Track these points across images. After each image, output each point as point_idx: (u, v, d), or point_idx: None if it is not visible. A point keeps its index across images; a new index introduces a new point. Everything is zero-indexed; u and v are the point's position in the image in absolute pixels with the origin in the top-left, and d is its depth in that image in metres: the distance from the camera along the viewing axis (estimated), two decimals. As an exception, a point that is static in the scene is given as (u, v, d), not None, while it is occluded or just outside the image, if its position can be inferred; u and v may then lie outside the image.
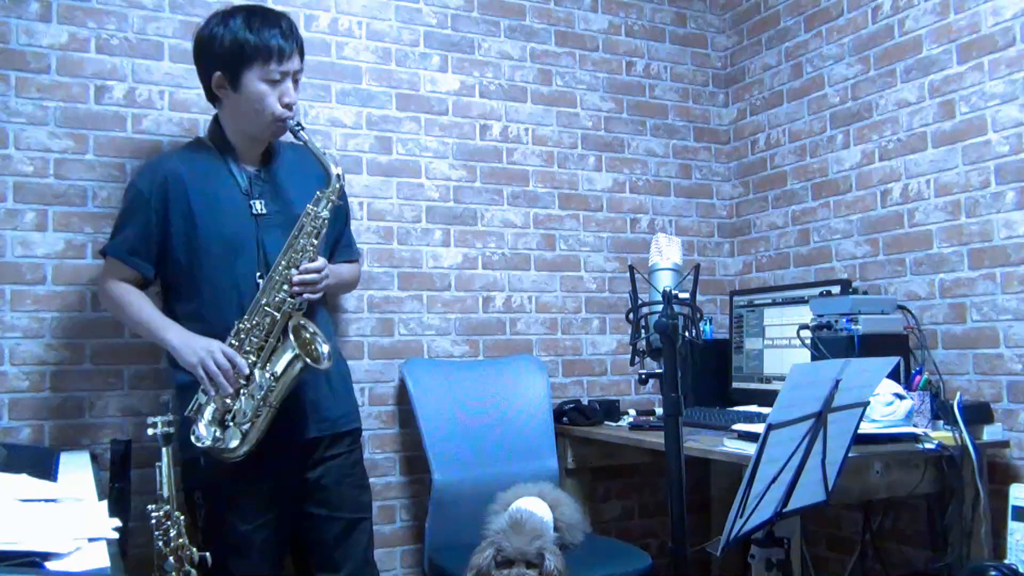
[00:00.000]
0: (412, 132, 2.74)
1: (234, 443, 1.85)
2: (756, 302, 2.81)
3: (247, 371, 1.87)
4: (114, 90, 2.36)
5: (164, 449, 1.68)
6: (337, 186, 1.97)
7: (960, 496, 2.12)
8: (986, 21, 2.34)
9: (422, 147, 2.75)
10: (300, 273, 1.93)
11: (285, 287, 1.92)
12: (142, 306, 1.99)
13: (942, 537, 2.26)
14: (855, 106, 2.74)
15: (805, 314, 2.46)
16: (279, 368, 1.88)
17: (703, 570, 2.93)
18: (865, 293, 2.52)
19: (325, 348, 1.95)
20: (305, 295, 1.94)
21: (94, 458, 2.04)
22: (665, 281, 1.66)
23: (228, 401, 1.87)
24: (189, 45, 2.43)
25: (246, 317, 1.91)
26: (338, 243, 2.23)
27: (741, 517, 1.50)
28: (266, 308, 1.91)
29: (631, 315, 1.66)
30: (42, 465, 1.71)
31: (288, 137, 2.03)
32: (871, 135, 2.69)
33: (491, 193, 2.85)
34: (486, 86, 2.86)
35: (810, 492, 1.69)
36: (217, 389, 1.86)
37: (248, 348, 1.90)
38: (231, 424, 1.86)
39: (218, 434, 1.86)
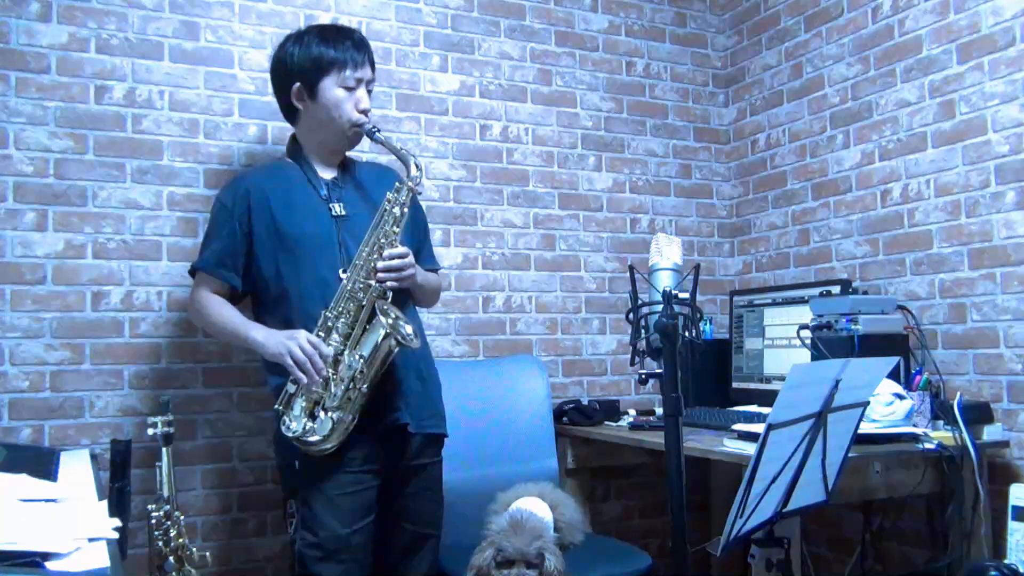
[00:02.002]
0: (412, 132, 2.74)
1: (325, 431, 1.85)
2: (756, 302, 2.81)
3: (332, 355, 1.87)
4: (114, 90, 2.37)
5: (164, 449, 1.68)
6: (417, 175, 2.01)
7: (960, 496, 2.12)
8: (986, 21, 2.34)
9: (422, 147, 2.75)
10: (384, 260, 1.94)
11: (369, 273, 1.93)
12: (230, 314, 2.01)
13: (942, 537, 2.26)
14: (855, 106, 2.74)
15: (805, 314, 2.46)
16: (368, 350, 1.88)
17: (703, 570, 2.93)
18: (865, 293, 2.52)
19: (409, 328, 1.94)
20: (389, 282, 1.94)
21: (94, 458, 2.04)
22: (665, 281, 1.65)
23: (318, 391, 1.86)
24: (189, 45, 2.45)
25: (332, 306, 1.92)
26: (419, 253, 2.20)
27: (741, 517, 1.50)
28: (351, 295, 1.92)
29: (631, 315, 1.66)
30: (42, 465, 1.71)
31: (362, 155, 2.04)
32: (871, 135, 2.69)
33: (491, 193, 2.85)
34: (486, 86, 2.86)
35: (810, 492, 1.69)
36: (306, 376, 1.85)
37: (336, 337, 1.90)
38: (320, 413, 1.86)
39: (308, 425, 1.86)
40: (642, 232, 3.08)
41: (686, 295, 1.62)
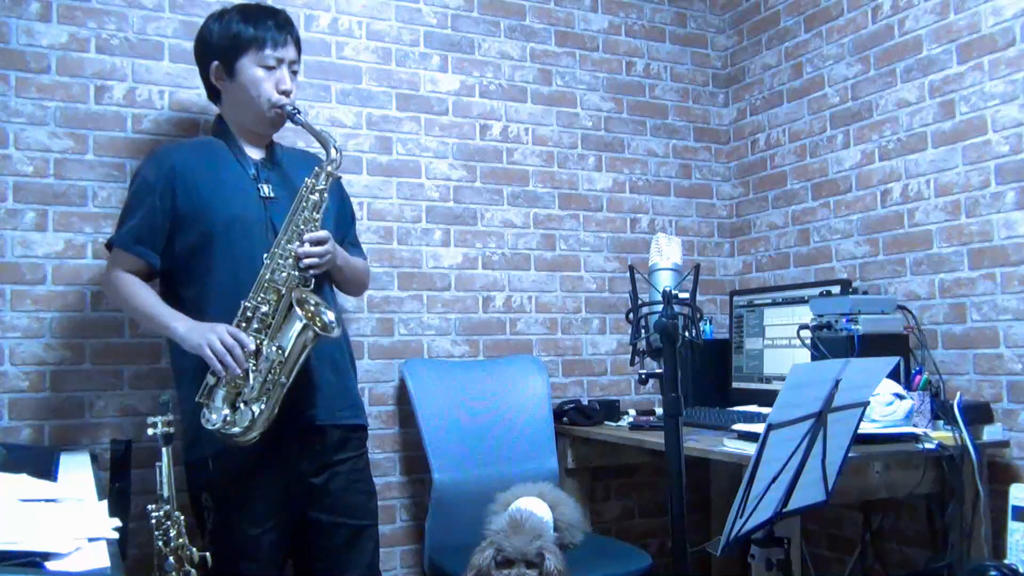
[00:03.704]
0: (412, 132, 2.74)
1: (245, 423, 1.82)
2: (756, 302, 2.81)
3: (253, 347, 1.84)
4: (114, 90, 2.37)
5: (164, 449, 1.67)
6: (336, 157, 1.98)
7: (960, 496, 2.12)
8: (986, 21, 2.34)
9: (422, 147, 2.75)
10: (305, 245, 1.91)
11: (290, 261, 1.90)
12: (147, 297, 1.96)
13: (942, 537, 2.26)
14: (855, 106, 2.74)
15: (805, 314, 2.46)
16: (287, 341, 1.85)
17: (703, 570, 2.93)
18: (865, 293, 2.52)
19: (330, 315, 1.92)
20: (310, 264, 1.91)
21: (94, 458, 2.04)
22: (665, 281, 1.66)
23: (239, 382, 1.83)
24: (189, 45, 2.44)
25: (251, 295, 1.88)
26: (342, 242, 2.19)
27: (741, 517, 1.50)
28: (270, 284, 1.89)
29: (631, 315, 1.66)
30: (42, 465, 1.71)
31: (288, 140, 2.03)
32: (871, 135, 2.69)
33: (491, 193, 2.85)
34: (486, 86, 2.86)
35: (810, 492, 1.69)
36: (226, 369, 1.81)
37: (256, 326, 1.87)
38: (241, 405, 1.83)
39: (229, 417, 1.82)
40: (642, 232, 3.08)
41: (686, 295, 1.62)
